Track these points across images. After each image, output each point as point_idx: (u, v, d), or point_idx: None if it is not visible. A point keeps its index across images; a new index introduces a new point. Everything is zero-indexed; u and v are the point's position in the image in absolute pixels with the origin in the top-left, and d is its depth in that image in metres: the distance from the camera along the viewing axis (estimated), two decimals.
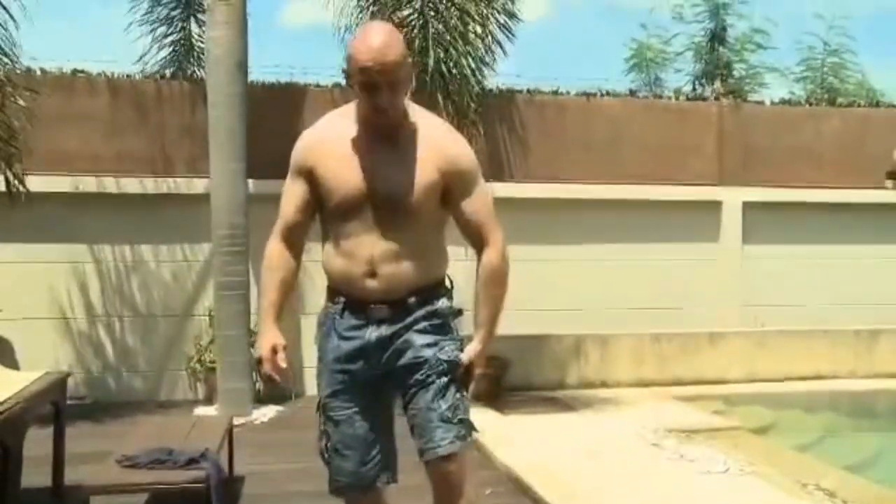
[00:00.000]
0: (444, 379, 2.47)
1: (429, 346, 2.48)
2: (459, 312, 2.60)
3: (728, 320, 8.19)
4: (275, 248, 2.59)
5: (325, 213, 2.56)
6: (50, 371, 4.54)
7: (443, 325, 2.53)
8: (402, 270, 2.46)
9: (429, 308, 2.51)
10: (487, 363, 2.65)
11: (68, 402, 4.63)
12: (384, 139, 2.46)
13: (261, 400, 6.70)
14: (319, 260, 2.61)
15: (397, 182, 2.44)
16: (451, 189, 2.49)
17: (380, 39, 2.36)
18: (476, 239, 2.54)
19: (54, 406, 4.30)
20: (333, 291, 2.58)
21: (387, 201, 2.44)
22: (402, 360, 2.49)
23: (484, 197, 2.55)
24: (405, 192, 2.43)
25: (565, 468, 4.54)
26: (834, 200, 8.52)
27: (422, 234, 2.49)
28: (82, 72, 7.41)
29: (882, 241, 8.81)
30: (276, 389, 6.24)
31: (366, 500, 2.61)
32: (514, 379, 7.02)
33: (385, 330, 2.49)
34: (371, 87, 2.37)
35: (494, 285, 2.55)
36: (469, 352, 2.55)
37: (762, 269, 8.41)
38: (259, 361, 2.50)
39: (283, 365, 2.48)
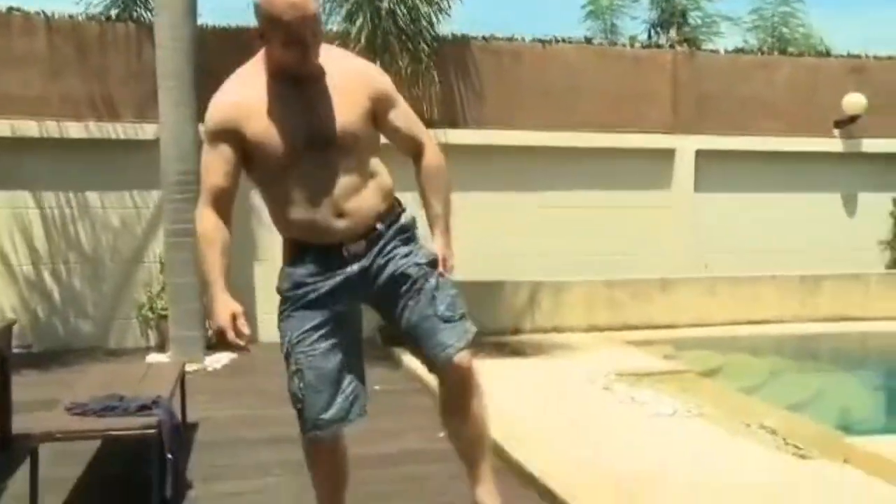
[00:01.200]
0: (432, 281, 2.56)
1: (405, 256, 2.56)
2: (415, 222, 2.68)
3: (679, 267, 8.32)
4: (208, 219, 2.51)
5: (261, 173, 2.50)
6: None
7: (410, 236, 2.62)
8: (363, 201, 2.49)
9: (395, 226, 2.58)
10: None
11: (14, 350, 4.55)
12: (303, 82, 2.43)
13: (213, 347, 6.65)
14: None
15: (333, 118, 2.43)
16: (381, 109, 2.55)
17: None
18: (413, 146, 2.65)
19: None
20: (298, 245, 2.55)
21: (328, 140, 2.42)
22: (384, 277, 2.55)
23: (407, 108, 2.64)
24: (343, 125, 2.44)
25: (516, 412, 4.60)
26: (784, 149, 8.65)
27: (367, 161, 2.53)
28: (18, 10, 7.09)
29: (829, 189, 9.01)
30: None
31: (333, 443, 2.61)
32: None
33: (365, 261, 2.53)
34: (297, 42, 2.33)
35: (441, 177, 2.67)
36: (440, 247, 2.65)
37: (713, 217, 8.54)
38: (220, 332, 2.44)
39: (246, 331, 2.43)
